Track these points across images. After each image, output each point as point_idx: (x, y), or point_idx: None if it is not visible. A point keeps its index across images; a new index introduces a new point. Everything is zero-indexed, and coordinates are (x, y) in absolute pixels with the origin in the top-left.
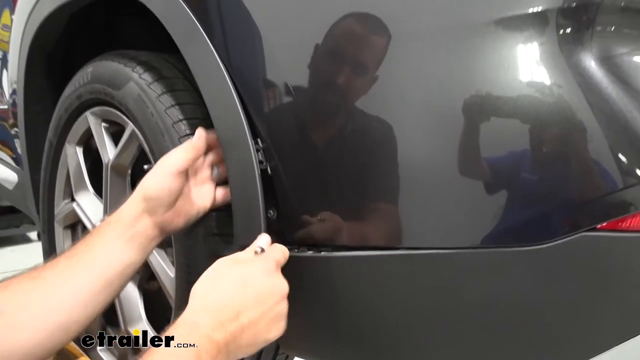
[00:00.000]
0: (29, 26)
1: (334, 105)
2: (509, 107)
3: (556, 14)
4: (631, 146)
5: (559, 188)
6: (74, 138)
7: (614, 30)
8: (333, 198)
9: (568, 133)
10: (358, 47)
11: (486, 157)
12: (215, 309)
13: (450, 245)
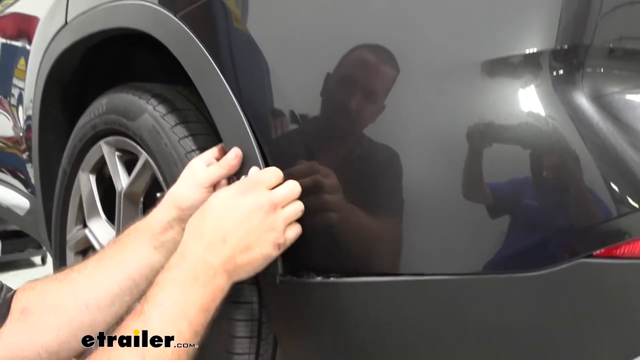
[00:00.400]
0: (46, 59)
1: (340, 133)
2: (508, 140)
3: (549, 57)
4: (622, 177)
5: (557, 216)
6: (88, 166)
7: (603, 72)
8: (340, 225)
9: (563, 165)
10: (364, 80)
11: (487, 187)
12: (202, 236)
13: (453, 272)
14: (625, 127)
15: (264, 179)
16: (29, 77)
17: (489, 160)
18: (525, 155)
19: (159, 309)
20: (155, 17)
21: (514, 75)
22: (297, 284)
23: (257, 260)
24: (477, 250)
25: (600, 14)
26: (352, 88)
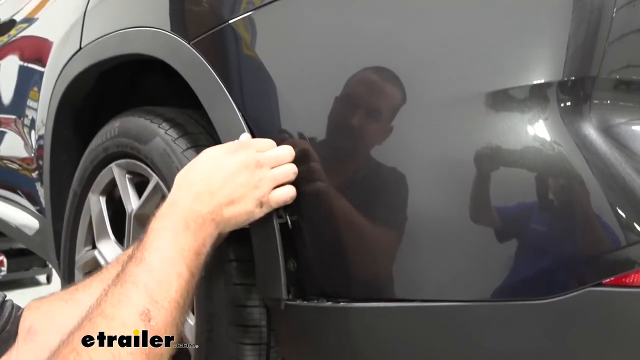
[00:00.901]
0: (60, 82)
1: (348, 158)
2: (517, 169)
3: (556, 89)
4: (631, 205)
5: (566, 244)
6: (98, 188)
7: (610, 103)
8: (350, 251)
9: (572, 194)
10: (372, 106)
11: (497, 216)
12: (190, 187)
13: (463, 298)
14: (633, 156)
15: (254, 142)
16: (42, 98)
17: (498, 188)
18: (534, 184)
19: (157, 254)
20: (169, 45)
21: (523, 106)
22: (306, 309)
23: (241, 215)
24: (486, 277)
25: (607, 47)
26: (361, 112)
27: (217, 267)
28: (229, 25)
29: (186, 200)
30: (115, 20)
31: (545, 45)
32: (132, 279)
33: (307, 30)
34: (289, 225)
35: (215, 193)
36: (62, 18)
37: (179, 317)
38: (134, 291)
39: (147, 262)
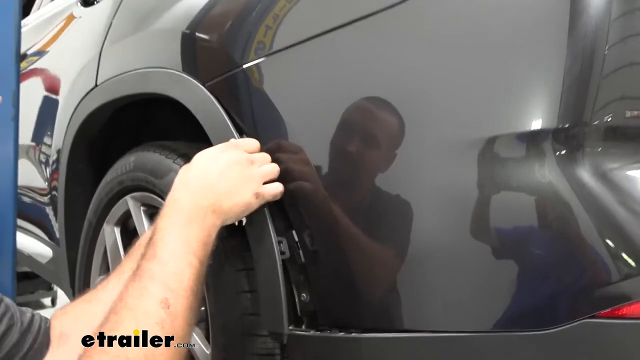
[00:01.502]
0: (75, 117)
1: (356, 195)
2: (518, 211)
3: (552, 136)
4: (624, 242)
5: (563, 279)
6: (113, 219)
7: (601, 151)
8: (360, 285)
9: (569, 233)
10: (374, 141)
11: (500, 254)
12: (189, 184)
13: (468, 329)
14: (624, 198)
15: (242, 142)
16: (57, 130)
17: (500, 228)
18: (534, 224)
19: (168, 249)
20: (185, 86)
21: (526, 150)
22: (318, 339)
23: (239, 206)
24: (489, 309)
25: (597, 97)
26: (365, 150)
27: (232, 298)
28: (242, 70)
29: (187, 196)
30: (131, 60)
31: (542, 94)
32: (148, 274)
33: (311, 75)
34: (297, 261)
35: (214, 187)
36: (75, 54)
37: (194, 301)
38: (151, 284)
39: (159, 257)
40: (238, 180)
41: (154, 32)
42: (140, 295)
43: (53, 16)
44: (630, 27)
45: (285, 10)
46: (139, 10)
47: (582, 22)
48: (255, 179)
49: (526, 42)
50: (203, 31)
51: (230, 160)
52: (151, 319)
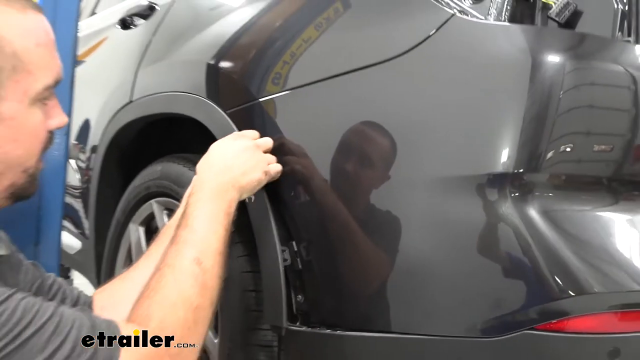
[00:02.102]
0: (110, 127)
1: (351, 214)
2: (480, 240)
3: (509, 180)
4: (562, 269)
5: (510, 296)
6: (138, 219)
7: (547, 196)
8: (346, 291)
9: (518, 260)
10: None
11: (463, 273)
12: (211, 167)
13: (435, 334)
14: (564, 234)
15: (247, 133)
16: (91, 136)
17: (464, 254)
18: (491, 251)
19: (198, 220)
20: (208, 111)
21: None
22: (310, 334)
23: (253, 182)
24: (451, 318)
25: (546, 151)
26: (363, 176)
27: (238, 296)
28: (259, 102)
29: (211, 177)
30: (164, 82)
31: (505, 143)
32: (182, 239)
33: (319, 112)
34: (295, 267)
35: (231, 168)
36: (113, 71)
37: (221, 261)
38: (186, 247)
39: (191, 226)
40: (250, 162)
41: (184, 61)
42: (177, 256)
43: (92, 34)
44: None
45: (301, 51)
46: (171, 39)
47: (537, 91)
48: (263, 161)
49: (494, 103)
50: (226, 64)
51: (241, 147)
52: (186, 273)
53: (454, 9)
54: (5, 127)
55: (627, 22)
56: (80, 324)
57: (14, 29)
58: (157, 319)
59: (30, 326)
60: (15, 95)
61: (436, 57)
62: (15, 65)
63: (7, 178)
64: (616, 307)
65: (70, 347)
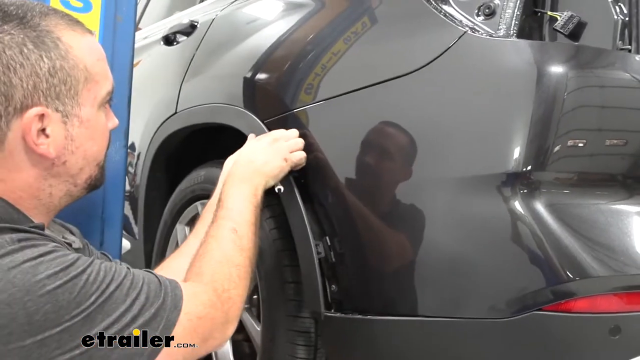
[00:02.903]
0: (157, 136)
1: (373, 215)
2: (492, 232)
3: (519, 179)
4: (567, 256)
5: (521, 280)
6: (185, 220)
7: (553, 192)
8: (375, 280)
9: (529, 248)
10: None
11: (479, 261)
12: (239, 163)
13: (455, 316)
14: (567, 224)
15: (272, 132)
16: (139, 143)
17: (478, 243)
18: (503, 241)
19: (231, 200)
20: (248, 121)
21: (502, 187)
22: (343, 320)
23: (275, 169)
24: (468, 301)
25: (551, 152)
26: (388, 178)
27: (279, 288)
28: (293, 113)
29: (239, 168)
30: (206, 94)
31: (514, 146)
32: (220, 216)
33: (347, 121)
34: (329, 260)
35: (254, 160)
36: (158, 84)
37: (254, 231)
38: (223, 222)
39: (227, 206)
40: (270, 152)
41: (223, 74)
42: (217, 228)
43: (137, 49)
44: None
45: (331, 63)
46: (212, 54)
47: (542, 99)
48: (283, 149)
49: (504, 110)
50: (262, 77)
51: (263, 142)
52: (227, 239)
53: (466, 27)
54: (84, 129)
55: (627, 31)
56: (149, 279)
57: (83, 49)
58: (208, 274)
59: (113, 282)
60: (89, 101)
61: (452, 70)
62: (87, 77)
63: (85, 172)
64: (617, 289)
65: (144, 298)
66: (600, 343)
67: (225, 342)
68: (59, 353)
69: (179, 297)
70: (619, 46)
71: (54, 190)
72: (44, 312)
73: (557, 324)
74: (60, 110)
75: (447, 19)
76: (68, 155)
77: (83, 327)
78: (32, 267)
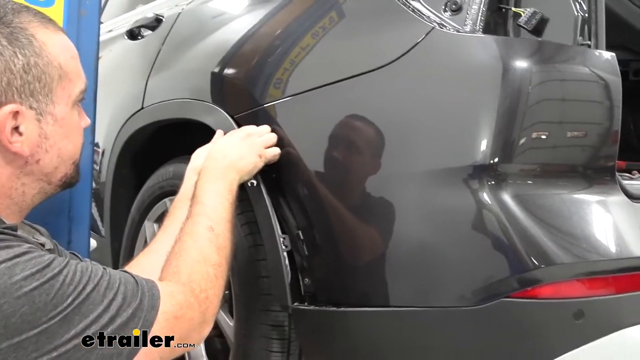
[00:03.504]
0: (122, 132)
1: (345, 208)
2: (461, 223)
3: (486, 170)
4: (531, 244)
5: (489, 270)
6: (153, 216)
7: (519, 183)
8: (348, 272)
9: (496, 238)
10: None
11: (447, 251)
12: (212, 158)
13: (427, 305)
14: (532, 213)
15: (244, 128)
16: (104, 139)
17: (447, 233)
18: (471, 231)
19: (207, 196)
20: (217, 117)
21: (469, 179)
22: (316, 312)
23: (249, 164)
24: (437, 291)
25: (517, 145)
26: (356, 167)
27: (251, 282)
28: (263, 108)
29: (213, 164)
30: (173, 90)
31: (481, 140)
32: (196, 213)
33: (316, 115)
34: (301, 253)
35: (228, 155)
36: (123, 79)
37: (230, 227)
38: (199, 218)
39: (202, 202)
40: (245, 148)
41: (191, 69)
42: (193, 225)
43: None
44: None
45: (300, 58)
46: (178, 49)
47: (509, 97)
48: (257, 145)
49: (471, 104)
50: (230, 72)
51: (237, 137)
52: (203, 237)
53: (433, 22)
54: (59, 127)
55: (587, 27)
56: (126, 280)
57: (56, 46)
58: (185, 274)
59: (90, 283)
60: (63, 100)
61: (421, 65)
62: (61, 74)
63: (61, 171)
64: (581, 275)
65: (121, 298)
66: (565, 327)
67: (201, 342)
68: (36, 356)
69: (156, 297)
70: (579, 41)
71: (26, 189)
72: (21, 314)
73: (524, 311)
74: (34, 108)
75: (415, 14)
76: (42, 154)
77: (60, 329)
78: (7, 268)
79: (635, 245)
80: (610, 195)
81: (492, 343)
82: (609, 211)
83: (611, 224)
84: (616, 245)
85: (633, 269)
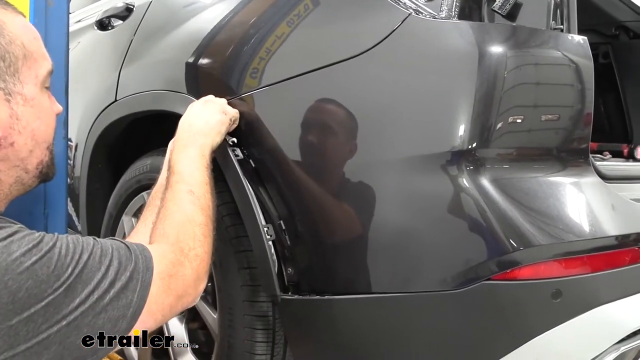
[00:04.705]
0: (96, 125)
1: (329, 190)
2: (441, 208)
3: (464, 155)
4: (511, 227)
5: (469, 254)
6: (131, 211)
7: (496, 167)
8: (331, 261)
9: (475, 221)
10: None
11: (429, 237)
12: (181, 129)
13: (409, 290)
14: (511, 197)
15: (219, 101)
16: (77, 134)
17: (427, 219)
18: (451, 215)
19: (181, 164)
20: None
21: (448, 165)
22: (301, 301)
23: (217, 124)
24: (419, 276)
25: (494, 130)
26: (333, 155)
27: (235, 273)
28: (240, 98)
29: (182, 134)
30: (146, 81)
31: (459, 126)
32: (174, 181)
33: (293, 104)
34: (284, 243)
35: (193, 123)
36: (95, 71)
37: (209, 190)
38: (178, 185)
39: (177, 171)
40: (207, 111)
41: (165, 59)
42: (173, 192)
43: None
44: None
45: (275, 47)
46: (151, 39)
47: (485, 82)
48: (218, 104)
49: (448, 89)
50: (205, 62)
51: (197, 105)
52: (185, 200)
53: (409, 9)
54: (29, 107)
55: (559, 11)
56: (117, 245)
57: (18, 26)
58: (173, 235)
59: (84, 252)
60: (31, 79)
61: (398, 52)
62: (25, 54)
63: (36, 155)
64: (558, 256)
65: (117, 263)
66: (543, 307)
67: (197, 298)
68: (46, 327)
69: (149, 259)
70: (552, 26)
71: (3, 176)
72: (26, 289)
73: (504, 292)
74: (1, 88)
75: (392, 1)
76: (16, 136)
77: (66, 298)
78: (4, 247)
79: (609, 225)
80: (584, 176)
81: (474, 325)
82: (584, 192)
83: (586, 205)
84: (591, 226)
85: (607, 248)
